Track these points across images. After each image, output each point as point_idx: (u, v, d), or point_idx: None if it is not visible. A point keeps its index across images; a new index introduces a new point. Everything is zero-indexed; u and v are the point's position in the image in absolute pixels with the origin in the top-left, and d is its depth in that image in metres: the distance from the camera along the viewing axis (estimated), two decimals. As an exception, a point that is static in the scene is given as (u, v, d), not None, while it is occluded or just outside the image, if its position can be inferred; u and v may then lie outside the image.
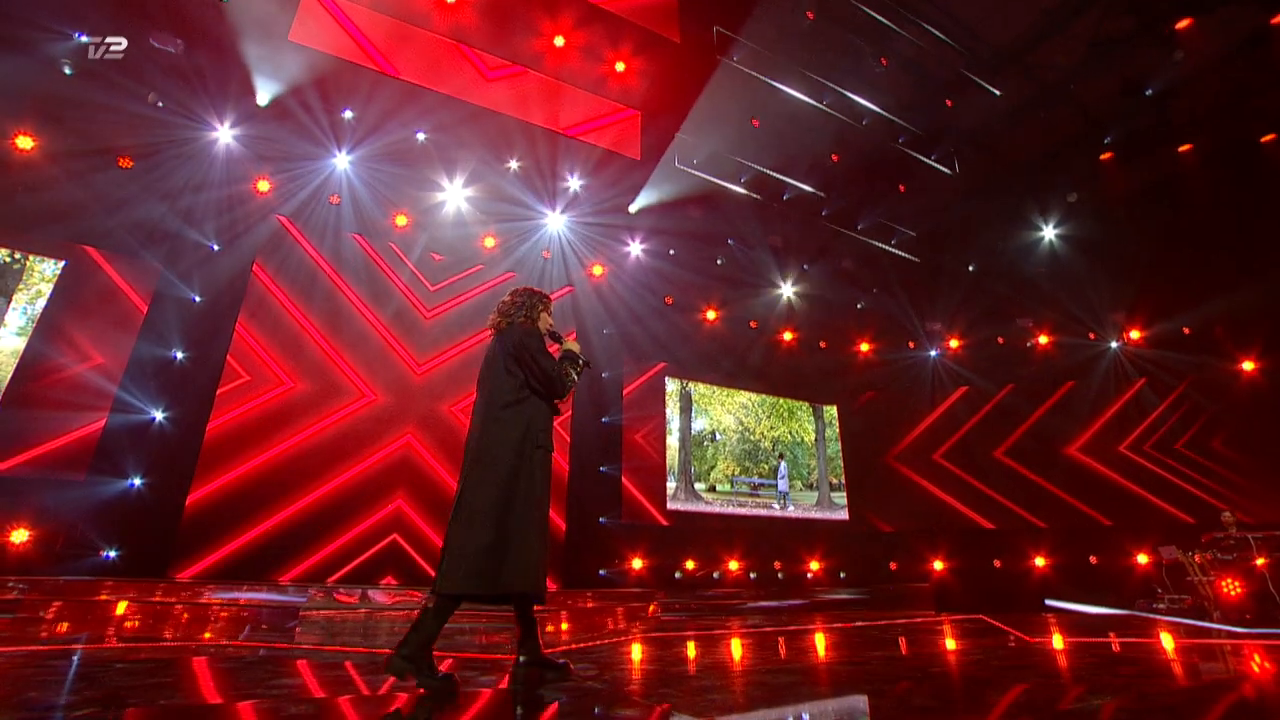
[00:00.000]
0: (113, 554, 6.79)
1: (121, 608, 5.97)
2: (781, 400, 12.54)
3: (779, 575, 11.23)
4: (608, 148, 9.48)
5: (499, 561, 2.67)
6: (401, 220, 9.27)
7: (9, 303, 7.46)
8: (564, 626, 6.95)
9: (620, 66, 8.97)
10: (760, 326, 11.91)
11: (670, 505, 10.86)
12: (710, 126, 9.61)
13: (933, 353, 12.53)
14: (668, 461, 11.09)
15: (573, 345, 3.29)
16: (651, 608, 8.86)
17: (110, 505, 6.98)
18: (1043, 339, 11.87)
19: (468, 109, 8.60)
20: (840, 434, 12.72)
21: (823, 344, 12.54)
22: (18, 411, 7.04)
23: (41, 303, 7.51)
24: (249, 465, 7.70)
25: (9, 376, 7.14)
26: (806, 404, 12.72)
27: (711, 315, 11.56)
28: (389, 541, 8.29)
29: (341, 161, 8.54)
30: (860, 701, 2.67)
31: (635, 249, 10.66)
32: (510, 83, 8.70)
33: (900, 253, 11.52)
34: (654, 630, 5.95)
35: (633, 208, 10.03)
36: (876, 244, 11.33)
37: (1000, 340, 12.06)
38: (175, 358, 7.63)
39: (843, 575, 11.78)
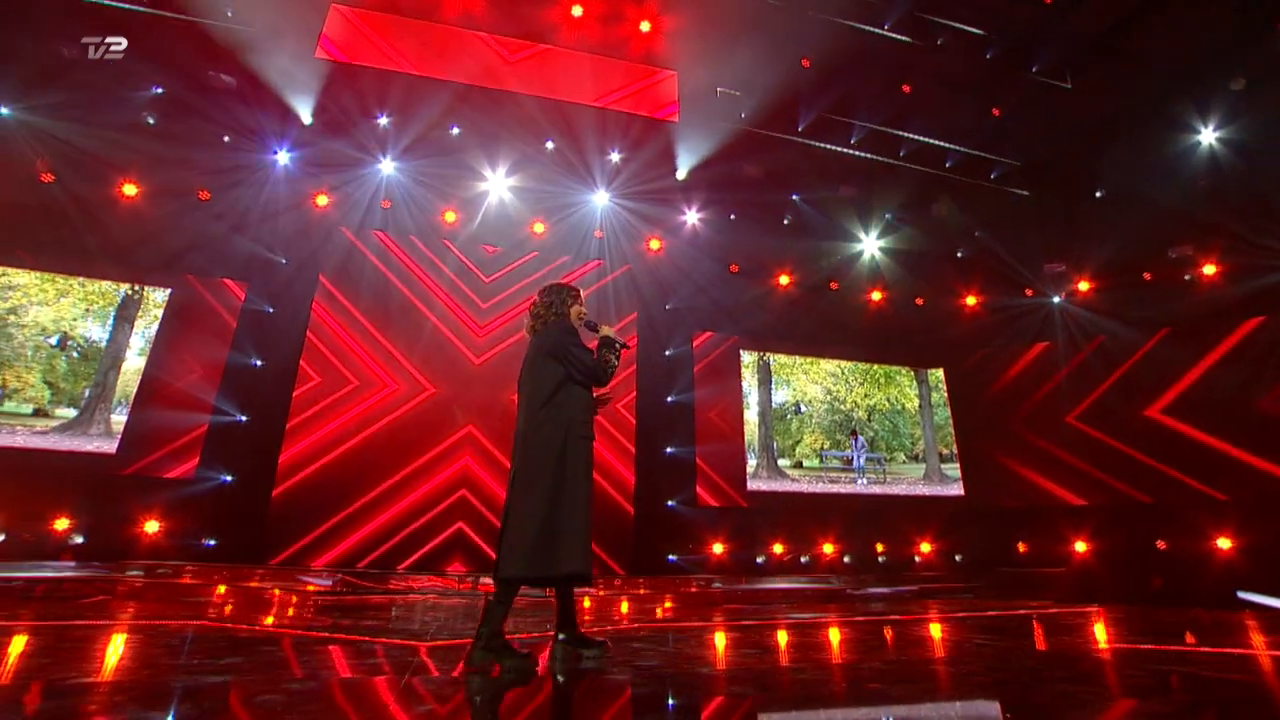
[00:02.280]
0: (212, 543, 7.71)
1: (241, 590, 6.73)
2: (877, 365, 11.35)
3: (880, 559, 10.24)
4: (645, 114, 9.03)
5: (553, 546, 2.90)
6: (450, 216, 9.51)
7: (132, 328, 8.70)
8: (624, 609, 6.75)
9: (645, 26, 8.46)
10: (843, 287, 10.82)
11: (751, 485, 10.27)
12: (754, 74, 8.81)
13: (1056, 299, 10.63)
14: (746, 438, 10.49)
15: (608, 331, 3.41)
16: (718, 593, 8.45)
17: (212, 499, 7.93)
18: (1208, 269, 9.61)
19: (495, 96, 8.58)
20: (949, 399, 11.27)
21: (919, 300, 11.12)
22: (144, 421, 8.19)
23: (155, 326, 8.68)
24: (324, 460, 8.36)
25: (134, 392, 8.35)
26: (907, 368, 11.41)
27: (785, 280, 10.69)
28: (455, 529, 8.62)
29: (387, 167, 8.92)
30: (986, 707, 2.38)
31: (691, 217, 10.11)
32: (534, 63, 8.54)
33: (1004, 188, 9.87)
34: (736, 618, 5.59)
35: (681, 174, 9.50)
36: (973, 181, 9.80)
37: (1147, 276, 9.93)
38: (256, 365, 8.46)
39: (958, 558, 10.49)
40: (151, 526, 7.86)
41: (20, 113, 8.03)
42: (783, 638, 4.43)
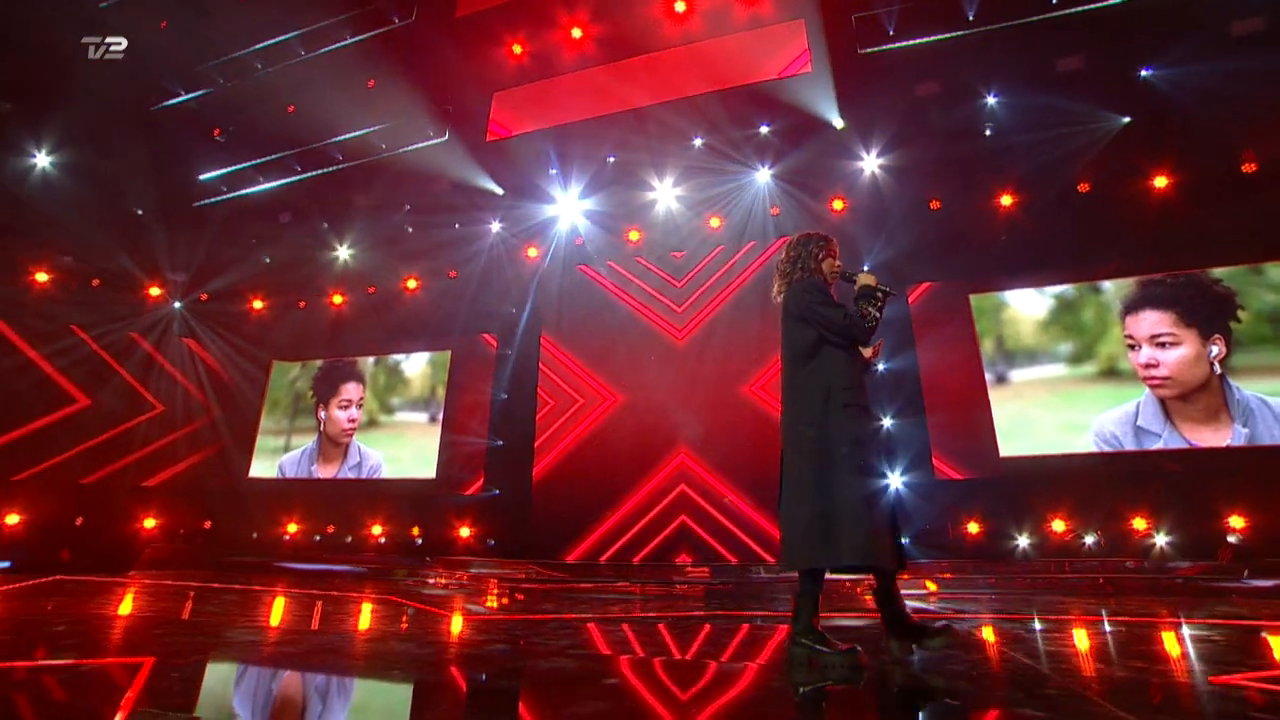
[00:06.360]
0: (493, 542, 9.81)
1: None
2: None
3: (1230, 539, 7.50)
4: (777, 76, 8.46)
5: (828, 532, 2.60)
6: (634, 235, 10.29)
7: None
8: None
9: (750, -12, 7.99)
10: (1096, 187, 8.25)
11: (1005, 451, 8.58)
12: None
13: None
14: (991, 397, 8.79)
15: (867, 279, 2.98)
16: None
17: (491, 508, 10.09)
18: None
19: (636, 115, 9.07)
20: (1331, 299, 7.57)
21: (1247, 166, 7.75)
22: (448, 452, 10.88)
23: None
24: (565, 471, 9.87)
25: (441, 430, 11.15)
26: (1232, 268, 8.06)
27: (1007, 200, 8.65)
28: (679, 522, 9.25)
29: (570, 209, 10.14)
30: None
31: (869, 164, 8.99)
32: (658, 72, 8.79)
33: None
34: (1023, 610, 5.00)
35: (838, 122, 8.57)
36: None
37: None
38: (504, 398, 10.48)
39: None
40: (464, 531, 10.34)
41: (354, 251, 11.51)
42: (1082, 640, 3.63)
